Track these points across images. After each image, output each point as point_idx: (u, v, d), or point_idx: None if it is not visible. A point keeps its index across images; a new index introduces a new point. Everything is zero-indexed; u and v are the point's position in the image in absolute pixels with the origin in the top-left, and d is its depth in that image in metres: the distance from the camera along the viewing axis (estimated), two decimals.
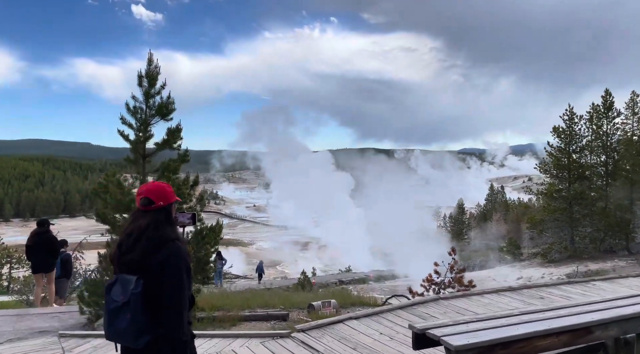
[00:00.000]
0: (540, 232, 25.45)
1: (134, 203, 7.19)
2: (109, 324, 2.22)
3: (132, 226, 2.32)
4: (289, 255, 79.80)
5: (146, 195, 2.34)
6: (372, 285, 30.10)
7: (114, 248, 2.39)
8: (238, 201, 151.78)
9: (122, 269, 2.29)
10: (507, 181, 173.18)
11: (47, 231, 9.35)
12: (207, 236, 7.46)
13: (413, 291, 8.82)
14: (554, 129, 25.26)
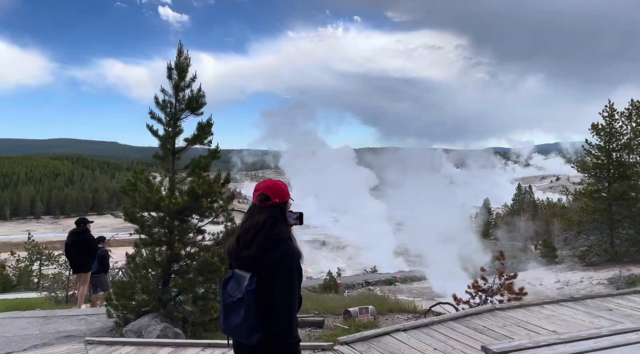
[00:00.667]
0: (578, 234, 24.34)
1: (163, 201, 6.83)
2: (224, 318, 2.30)
3: (250, 222, 2.35)
4: (310, 253, 79.48)
5: (264, 191, 2.37)
6: (400, 286, 29.47)
7: (232, 242, 2.41)
8: None
9: (239, 264, 2.33)
10: (534, 181, 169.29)
11: (84, 231, 9.17)
12: None
13: (458, 298, 8.24)
14: (592, 127, 24.13)
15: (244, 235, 2.36)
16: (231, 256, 2.40)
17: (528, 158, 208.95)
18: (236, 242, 2.39)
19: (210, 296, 6.96)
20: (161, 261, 6.81)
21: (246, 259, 2.28)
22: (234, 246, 2.39)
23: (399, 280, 33.42)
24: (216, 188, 6.87)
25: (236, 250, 2.36)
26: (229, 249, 2.44)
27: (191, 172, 7.13)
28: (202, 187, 6.66)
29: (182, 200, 6.61)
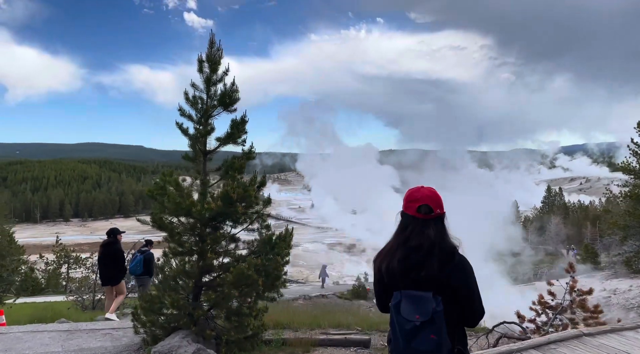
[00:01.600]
0: (624, 239, 22.95)
1: (194, 206, 6.18)
2: (406, 345, 2.12)
3: (420, 238, 2.18)
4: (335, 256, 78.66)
5: (426, 202, 2.23)
6: None
7: (392, 262, 2.23)
8: (283, 203, 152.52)
9: (407, 284, 2.17)
10: (563, 183, 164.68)
11: (114, 242, 8.68)
12: (277, 246, 6.34)
13: (522, 315, 7.38)
14: (638, 125, 22.75)
15: (415, 253, 2.17)
16: (394, 277, 2.21)
17: (553, 159, 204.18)
18: (402, 261, 2.18)
19: (245, 312, 6.31)
20: (192, 272, 6.18)
21: (426, 278, 2.12)
22: (396, 265, 2.20)
23: None
24: (252, 191, 6.20)
25: (404, 269, 2.18)
26: (390, 270, 2.22)
27: (224, 174, 6.49)
28: (237, 191, 6.00)
29: (216, 205, 5.96)
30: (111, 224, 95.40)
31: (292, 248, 7.10)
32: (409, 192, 2.31)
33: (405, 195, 2.32)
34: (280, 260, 6.27)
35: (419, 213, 2.21)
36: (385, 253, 2.31)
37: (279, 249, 6.32)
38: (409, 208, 2.26)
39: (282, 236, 6.54)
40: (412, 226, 2.23)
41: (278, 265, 6.27)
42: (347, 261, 75.16)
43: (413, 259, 2.17)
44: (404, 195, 2.36)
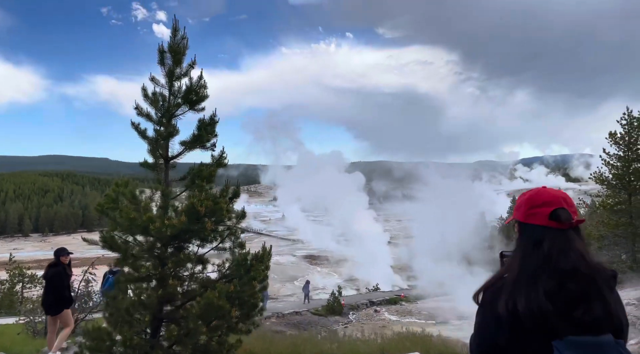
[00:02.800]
0: (599, 250, 22.89)
1: (152, 222, 5.15)
2: None
3: (571, 258, 1.50)
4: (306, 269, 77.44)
5: (562, 206, 1.58)
6: (406, 306, 27.77)
7: (542, 298, 1.45)
8: (254, 215, 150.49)
9: (568, 329, 1.43)
10: None
11: (56, 264, 7.43)
12: (253, 268, 5.37)
13: None
14: (610, 135, 22.86)
15: (571, 281, 1.48)
16: (544, 320, 1.45)
17: (513, 170, 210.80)
18: (556, 295, 1.47)
19: (214, 348, 5.31)
20: (150, 302, 5.14)
21: (601, 317, 1.44)
22: (546, 302, 1.46)
23: (403, 298, 31.70)
24: (223, 204, 5.24)
25: (562, 307, 1.46)
26: (534, 310, 1.46)
27: (190, 184, 5.51)
28: (206, 203, 5.03)
29: (179, 221, 4.97)
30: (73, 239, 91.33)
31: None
32: (532, 194, 1.69)
33: (525, 199, 1.70)
34: (256, 285, 5.30)
35: (557, 222, 1.56)
36: (512, 285, 1.57)
37: (256, 272, 5.36)
38: (537, 215, 1.63)
39: (258, 256, 5.58)
40: (550, 241, 1.57)
41: (255, 292, 5.30)
42: (318, 274, 74.05)
43: (572, 290, 1.49)
44: (520, 199, 1.72)
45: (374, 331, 16.66)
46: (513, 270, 1.63)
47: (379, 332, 16.03)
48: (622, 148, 22.57)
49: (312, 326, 20.13)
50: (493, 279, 1.70)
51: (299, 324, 19.77)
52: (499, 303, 1.56)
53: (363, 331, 15.94)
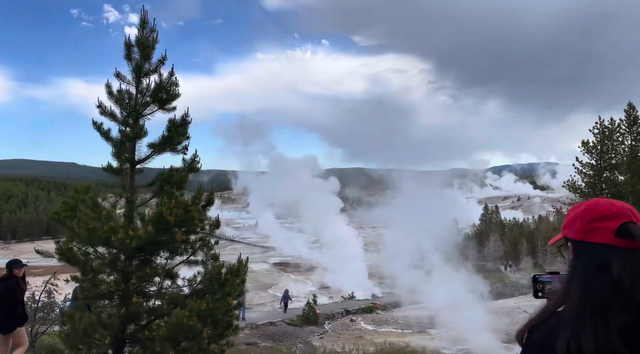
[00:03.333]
0: None
1: (114, 233, 4.60)
2: None
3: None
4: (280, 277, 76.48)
5: (631, 219, 1.24)
6: (382, 314, 27.48)
7: (614, 338, 1.12)
8: (227, 222, 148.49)
9: None
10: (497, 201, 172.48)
11: (9, 277, 6.68)
12: (228, 282, 4.90)
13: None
14: (583, 144, 23.22)
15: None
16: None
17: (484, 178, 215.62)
18: (629, 331, 1.09)
19: None
20: (111, 322, 4.60)
21: None
22: (619, 343, 1.08)
23: (379, 306, 31.43)
24: (195, 212, 4.76)
25: None
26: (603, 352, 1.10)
27: (159, 191, 5.01)
28: (175, 212, 4.54)
29: (145, 232, 4.46)
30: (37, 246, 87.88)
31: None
32: (590, 206, 1.32)
33: (581, 212, 1.30)
34: (231, 302, 4.83)
35: (627, 239, 1.22)
36: (573, 321, 1.20)
37: (231, 287, 4.88)
38: (599, 230, 1.27)
39: (234, 269, 5.11)
40: (620, 264, 1.22)
41: (229, 308, 4.82)
42: (292, 281, 73.26)
43: None
44: (573, 212, 1.32)
45: (352, 343, 16.30)
46: (572, 301, 1.25)
47: (357, 344, 15.67)
48: (594, 156, 22.93)
49: (287, 338, 19.58)
50: (543, 314, 1.32)
51: (274, 336, 19.18)
52: (558, 345, 1.19)
53: (343, 347, 15.51)
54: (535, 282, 1.71)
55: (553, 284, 1.79)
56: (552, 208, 68.52)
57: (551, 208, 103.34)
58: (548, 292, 1.81)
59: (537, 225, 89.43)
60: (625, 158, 23.85)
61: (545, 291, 1.74)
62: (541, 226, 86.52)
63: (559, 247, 1.49)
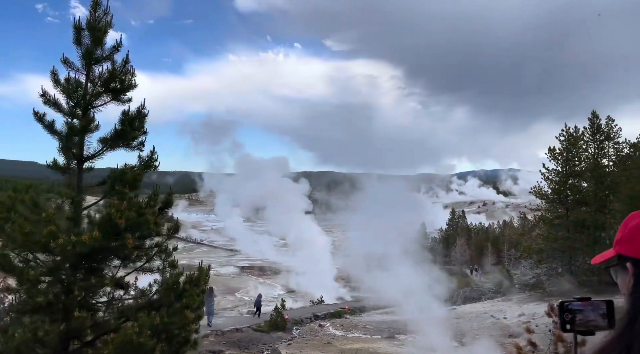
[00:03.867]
0: (539, 262, 23.43)
1: (55, 238, 3.98)
2: None
3: None
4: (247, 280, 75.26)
5: None
6: (352, 320, 27.16)
7: None
8: (194, 224, 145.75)
9: None
10: (463, 206, 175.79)
11: None
12: (186, 293, 4.42)
13: None
14: (549, 150, 23.59)
15: None
16: None
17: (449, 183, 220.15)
18: None
19: None
20: (49, 339, 4.05)
21: None
22: None
23: (347, 311, 31.10)
24: (150, 216, 4.27)
25: None
26: None
27: (109, 191, 4.49)
28: (127, 215, 4.04)
29: (90, 237, 3.95)
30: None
31: None
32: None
33: (637, 225, 1.01)
34: (190, 315, 4.35)
35: None
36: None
37: (189, 298, 4.41)
38: None
39: (193, 278, 4.63)
40: None
41: (187, 322, 4.34)
42: (260, 285, 72.22)
43: None
44: (628, 226, 1.04)
45: (320, 350, 15.88)
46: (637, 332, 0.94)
47: (325, 351, 15.27)
48: (560, 163, 23.32)
49: (253, 344, 18.99)
50: (609, 345, 0.97)
51: (240, 343, 18.56)
52: None
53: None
54: (564, 311, 1.33)
55: (585, 313, 1.43)
56: (516, 214, 69.98)
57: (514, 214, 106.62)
58: (580, 324, 1.44)
59: (502, 229, 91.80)
60: (589, 165, 24.40)
61: (576, 322, 1.37)
62: (506, 231, 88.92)
63: (609, 267, 1.14)
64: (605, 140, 26.20)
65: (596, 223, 22.24)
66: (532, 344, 5.38)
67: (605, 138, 26.09)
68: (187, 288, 4.47)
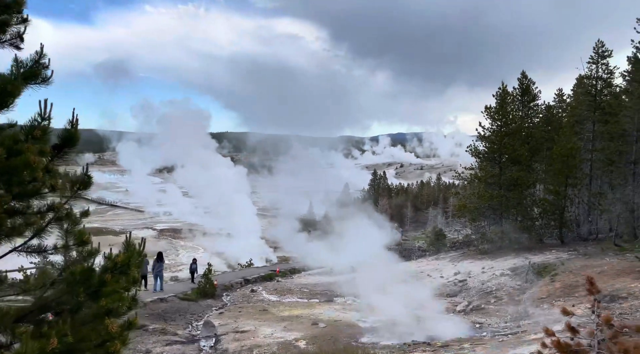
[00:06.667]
0: (473, 221, 23.61)
1: None
2: None
3: None
4: (168, 244, 71.95)
5: None
6: (284, 282, 26.10)
7: None
8: (107, 186, 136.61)
9: None
10: (382, 168, 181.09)
11: None
12: (108, 286, 2.63)
13: None
14: (486, 108, 23.40)
15: None
16: None
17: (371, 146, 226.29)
18: None
19: None
20: None
21: None
22: None
23: (279, 273, 30.07)
24: (32, 156, 2.38)
25: None
26: None
27: None
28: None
29: None
30: None
31: (119, 235, 3.27)
32: None
33: None
34: (112, 326, 2.59)
35: None
36: None
37: (112, 297, 2.64)
38: None
39: (117, 263, 2.84)
40: None
41: (108, 338, 2.59)
42: (181, 248, 69.45)
43: None
44: None
45: (255, 319, 14.47)
46: None
47: (261, 319, 13.88)
48: (496, 122, 23.25)
49: (180, 315, 17.20)
50: None
51: (165, 314, 16.69)
52: None
53: (255, 332, 13.64)
54: None
55: None
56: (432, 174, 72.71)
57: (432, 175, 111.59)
58: None
59: (420, 190, 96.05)
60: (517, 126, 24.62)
61: None
62: (423, 191, 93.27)
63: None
64: (532, 102, 26.64)
65: (527, 182, 22.62)
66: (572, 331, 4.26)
67: (531, 99, 26.51)
68: (107, 279, 2.68)
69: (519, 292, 16.61)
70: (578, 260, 18.09)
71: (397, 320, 13.24)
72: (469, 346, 9.92)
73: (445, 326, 12.61)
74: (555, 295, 15.10)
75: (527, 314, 14.10)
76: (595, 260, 17.60)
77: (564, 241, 21.59)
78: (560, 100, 32.83)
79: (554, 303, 14.38)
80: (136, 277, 2.95)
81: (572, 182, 21.16)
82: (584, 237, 22.29)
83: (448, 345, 10.38)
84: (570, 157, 20.64)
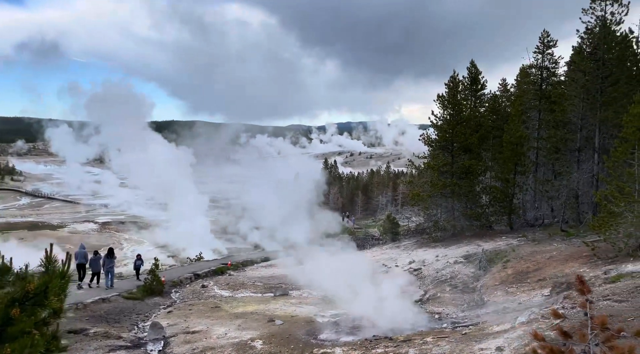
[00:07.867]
0: (426, 209, 23.74)
1: None
2: None
3: None
4: (110, 237, 68.74)
5: None
6: (236, 276, 25.29)
7: None
8: (43, 177, 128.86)
9: None
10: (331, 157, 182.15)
11: None
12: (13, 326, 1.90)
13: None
14: (438, 97, 23.48)
15: None
16: None
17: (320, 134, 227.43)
18: None
19: None
20: None
21: None
22: None
23: (230, 266, 29.15)
24: None
25: None
26: None
27: None
28: None
29: None
30: None
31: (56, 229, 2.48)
32: None
33: None
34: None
35: None
36: None
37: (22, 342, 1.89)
38: None
39: (30, 289, 2.09)
40: None
41: None
42: (125, 242, 66.54)
43: None
44: None
45: (208, 317, 13.68)
46: None
47: (213, 317, 13.10)
48: (448, 111, 23.39)
49: (125, 316, 16.05)
50: None
51: (108, 316, 15.52)
52: None
53: (207, 331, 12.83)
54: None
55: None
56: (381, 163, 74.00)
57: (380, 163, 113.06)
58: None
59: (369, 178, 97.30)
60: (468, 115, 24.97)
61: None
62: (373, 179, 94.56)
63: None
64: (479, 91, 27.09)
65: (478, 170, 22.96)
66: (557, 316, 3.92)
67: (479, 89, 26.94)
68: (16, 314, 1.94)
69: (473, 280, 16.75)
70: (528, 246, 18.52)
71: (356, 313, 12.91)
72: (432, 339, 9.69)
73: (404, 318, 12.38)
74: (507, 282, 15.30)
75: (482, 302, 14.18)
76: (544, 245, 18.05)
77: (513, 227, 22.14)
78: (504, 90, 33.78)
79: (507, 290, 14.56)
80: (58, 308, 2.22)
81: (521, 170, 21.68)
82: (531, 223, 22.96)
83: (410, 339, 10.10)
84: (519, 145, 21.09)
